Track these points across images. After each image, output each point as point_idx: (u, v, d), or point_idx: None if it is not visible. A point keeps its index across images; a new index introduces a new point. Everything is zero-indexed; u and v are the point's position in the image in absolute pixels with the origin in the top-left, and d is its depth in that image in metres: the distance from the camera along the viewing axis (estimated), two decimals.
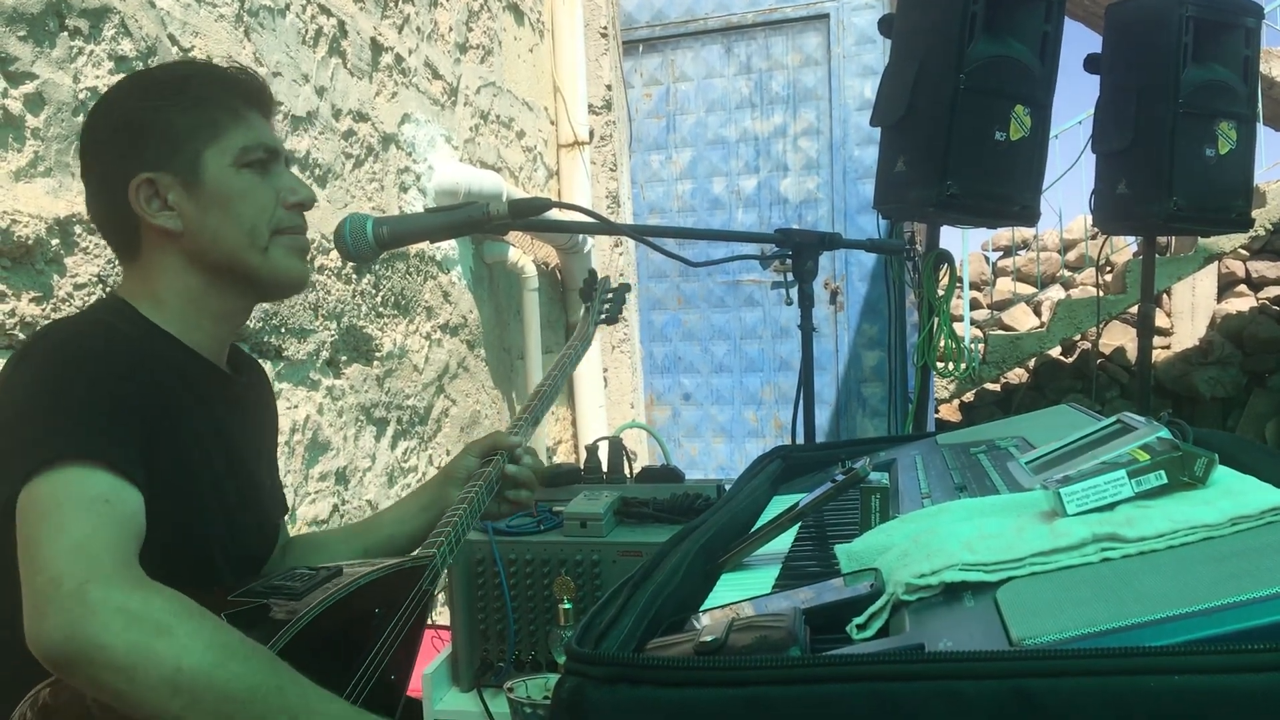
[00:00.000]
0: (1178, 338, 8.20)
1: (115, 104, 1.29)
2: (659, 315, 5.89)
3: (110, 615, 0.93)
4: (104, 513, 1.01)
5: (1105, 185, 3.60)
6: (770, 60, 5.61)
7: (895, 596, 0.82)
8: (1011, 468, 1.27)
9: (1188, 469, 0.88)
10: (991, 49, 2.92)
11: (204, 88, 1.28)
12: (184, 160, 1.25)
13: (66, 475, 1.02)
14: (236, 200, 1.27)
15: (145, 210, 1.25)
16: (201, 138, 1.26)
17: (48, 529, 0.99)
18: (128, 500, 1.05)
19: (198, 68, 1.38)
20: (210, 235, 1.27)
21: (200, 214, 1.26)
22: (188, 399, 1.23)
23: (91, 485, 1.03)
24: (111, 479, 1.04)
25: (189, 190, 1.26)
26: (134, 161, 1.25)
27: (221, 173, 1.27)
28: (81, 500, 1.01)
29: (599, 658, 0.67)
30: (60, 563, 0.96)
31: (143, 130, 1.25)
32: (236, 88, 1.30)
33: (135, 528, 1.04)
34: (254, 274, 1.31)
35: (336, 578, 1.21)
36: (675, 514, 1.85)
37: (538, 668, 1.75)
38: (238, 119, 1.29)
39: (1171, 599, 0.66)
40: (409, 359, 3.26)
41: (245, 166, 1.28)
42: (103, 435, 1.07)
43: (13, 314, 1.80)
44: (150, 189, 1.25)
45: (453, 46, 3.64)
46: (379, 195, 3.07)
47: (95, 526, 1.00)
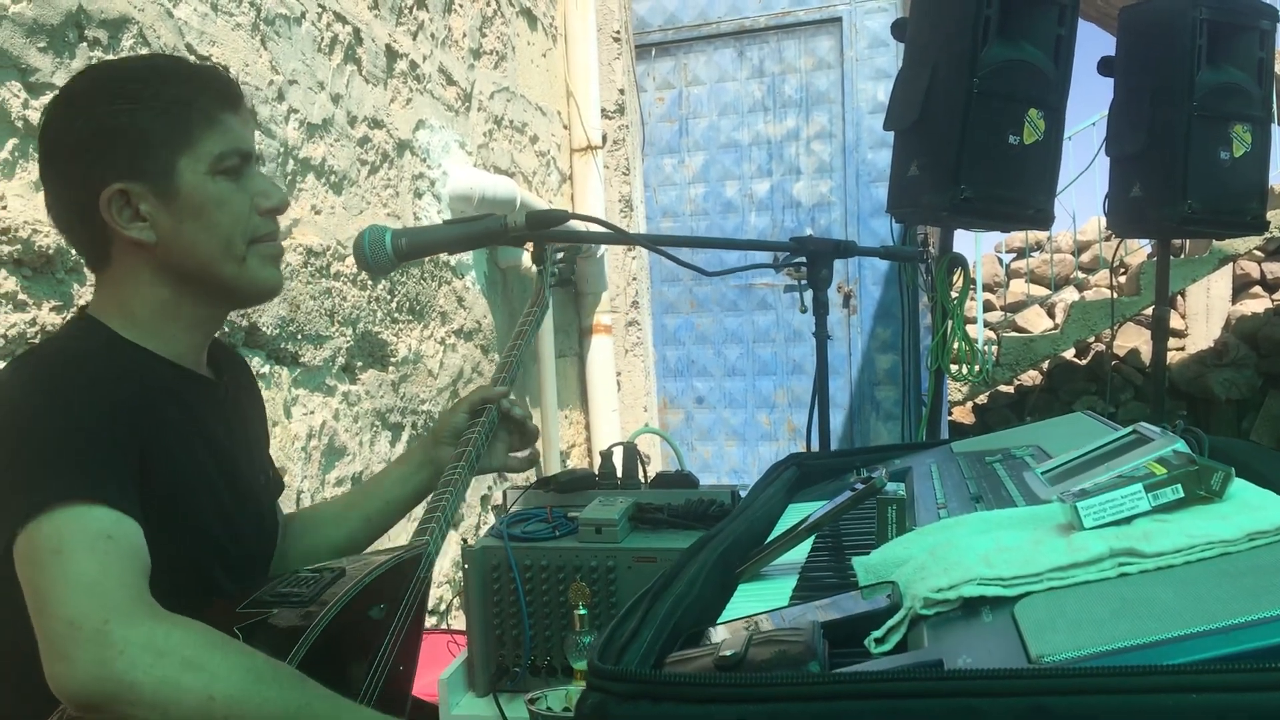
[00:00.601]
0: (1192, 339, 8.17)
1: (82, 107, 1.21)
2: (672, 319, 5.90)
3: (137, 652, 0.93)
4: (109, 549, 1.00)
5: (1119, 188, 3.59)
6: (783, 64, 5.62)
7: (913, 611, 0.82)
8: (1028, 478, 1.27)
9: (1204, 483, 0.88)
10: (1005, 53, 2.91)
11: (176, 89, 1.21)
12: (157, 169, 1.20)
13: (66, 516, 1.00)
14: (213, 210, 1.22)
15: (117, 221, 1.19)
16: (175, 144, 1.20)
17: (56, 572, 0.97)
18: (129, 534, 1.03)
19: (167, 66, 1.28)
20: (185, 246, 1.22)
21: (175, 224, 1.21)
22: (173, 414, 1.21)
23: (93, 523, 1.01)
24: (111, 514, 1.02)
25: (163, 200, 1.20)
26: (105, 170, 1.19)
27: (197, 181, 1.21)
28: (85, 539, 0.99)
29: (621, 674, 0.68)
30: (76, 605, 0.95)
31: (113, 137, 1.18)
32: (209, 89, 1.24)
33: (141, 560, 1.03)
34: (230, 284, 1.27)
35: (340, 579, 1.21)
36: (690, 520, 1.85)
37: (553, 673, 1.76)
38: (211, 123, 1.22)
39: (1189, 616, 0.66)
40: (424, 364, 3.27)
41: (220, 174, 1.23)
42: (96, 472, 1.05)
43: (34, 323, 1.81)
44: (122, 199, 1.19)
45: (466, 52, 3.66)
46: (394, 201, 3.08)
47: (104, 564, 0.98)
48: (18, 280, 1.79)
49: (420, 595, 1.31)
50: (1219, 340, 7.94)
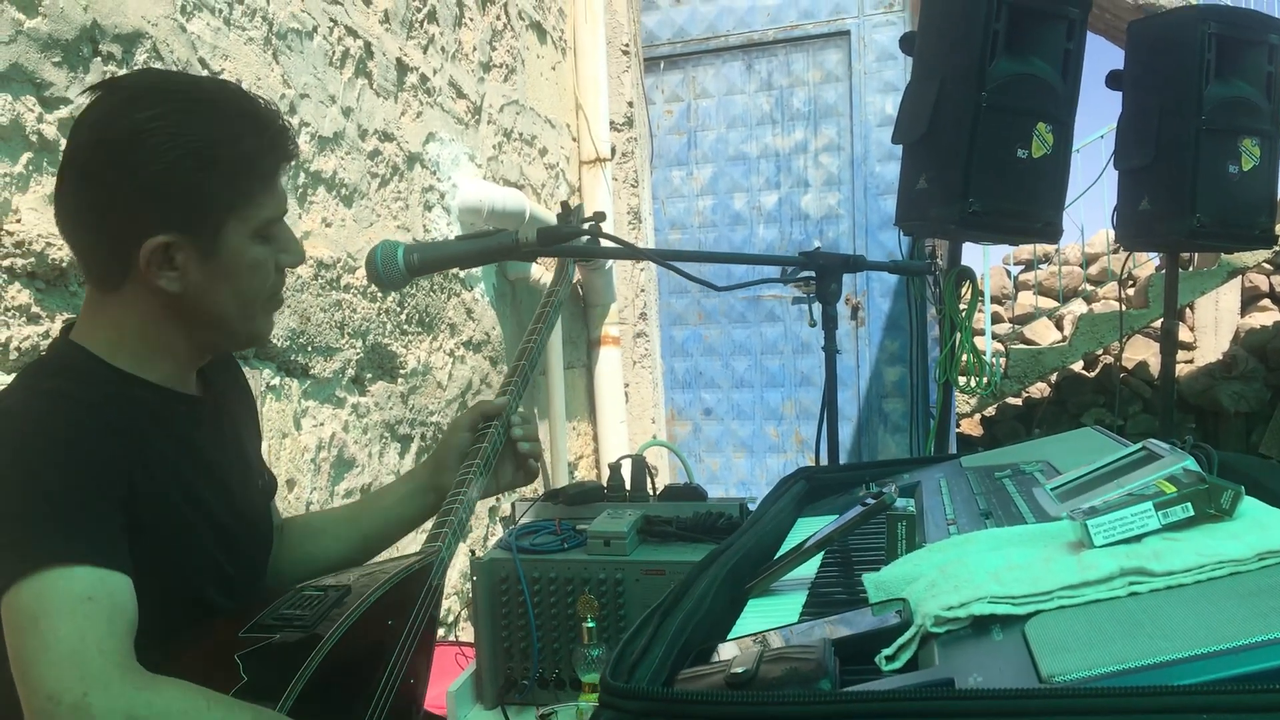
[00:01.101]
0: (1201, 352, 8.15)
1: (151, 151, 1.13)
2: (680, 330, 5.90)
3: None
4: (90, 612, 0.98)
5: (1128, 202, 3.59)
6: (791, 77, 5.63)
7: (924, 628, 0.82)
8: (1037, 494, 1.28)
9: (1214, 501, 0.88)
10: (1013, 67, 2.92)
11: (246, 148, 1.18)
12: (206, 227, 1.17)
13: (45, 580, 0.98)
14: (245, 274, 1.21)
15: (150, 271, 1.16)
16: (231, 207, 1.18)
17: (34, 641, 0.95)
18: (114, 590, 1.01)
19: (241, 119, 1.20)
20: (209, 302, 1.20)
21: (205, 282, 1.19)
22: (159, 441, 1.18)
23: (73, 586, 0.98)
24: (93, 573, 1.00)
25: (201, 257, 1.18)
26: (156, 221, 1.15)
27: (239, 244, 1.19)
28: (65, 604, 0.97)
29: (633, 692, 0.69)
30: (55, 677, 0.93)
31: (175, 193, 1.14)
32: (274, 147, 1.21)
33: (125, 619, 1.01)
34: (234, 336, 1.27)
35: (346, 599, 1.20)
36: (698, 533, 1.85)
37: (561, 685, 1.76)
38: (268, 188, 1.21)
39: (1199, 636, 0.66)
40: (433, 376, 3.28)
41: (260, 239, 1.21)
42: (77, 530, 1.02)
43: (47, 335, 1.82)
44: (165, 252, 1.16)
45: (476, 66, 3.67)
46: (404, 214, 3.10)
47: (83, 630, 0.96)
48: (31, 293, 1.80)
49: (431, 606, 1.31)
50: (1227, 353, 7.93)
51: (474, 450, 1.49)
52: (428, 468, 1.59)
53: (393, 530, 1.58)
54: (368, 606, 1.18)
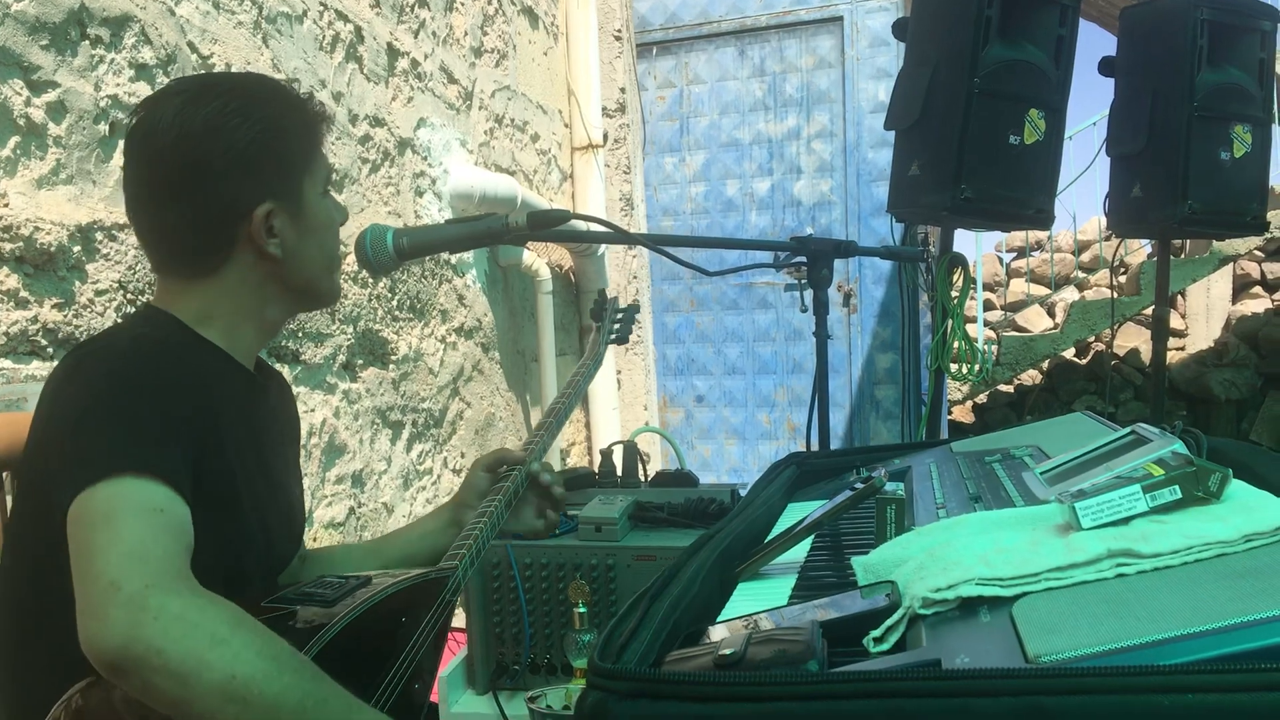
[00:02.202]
0: (1192, 339, 8.17)
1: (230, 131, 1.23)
2: (672, 317, 5.90)
3: (169, 621, 0.95)
4: (159, 522, 1.03)
5: (1119, 188, 3.59)
6: (784, 63, 5.62)
7: (912, 610, 0.82)
8: (1026, 478, 1.28)
9: (1202, 484, 0.89)
10: (1006, 53, 2.91)
11: (301, 113, 1.31)
12: (291, 189, 1.29)
13: (122, 485, 1.03)
14: (325, 228, 1.34)
15: (258, 237, 1.26)
16: (304, 166, 1.30)
17: (105, 535, 1.00)
18: (179, 513, 1.06)
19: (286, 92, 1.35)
20: (303, 261, 1.31)
21: (298, 241, 1.30)
22: (228, 408, 1.25)
23: (147, 495, 1.04)
24: (165, 490, 1.06)
25: (293, 219, 1.29)
26: (255, 192, 1.25)
27: (315, 201, 1.32)
28: (138, 509, 1.03)
29: (621, 672, 0.69)
30: (120, 568, 0.97)
31: (260, 164, 1.25)
32: (315, 112, 1.33)
33: (187, 539, 1.06)
34: (322, 295, 1.38)
35: (365, 586, 1.22)
36: (689, 518, 1.86)
37: (553, 671, 1.76)
38: (321, 145, 1.34)
39: (1186, 617, 0.67)
40: (424, 362, 3.28)
41: (325, 193, 1.34)
42: (156, 449, 1.09)
43: (35, 320, 1.82)
44: (268, 219, 1.26)
45: (468, 51, 3.66)
46: (395, 200, 3.09)
47: (153, 534, 1.01)
48: (20, 278, 1.79)
49: (444, 617, 1.32)
50: (1219, 340, 7.95)
51: (497, 488, 1.53)
52: (450, 506, 1.62)
53: (410, 564, 1.59)
54: (385, 596, 1.20)
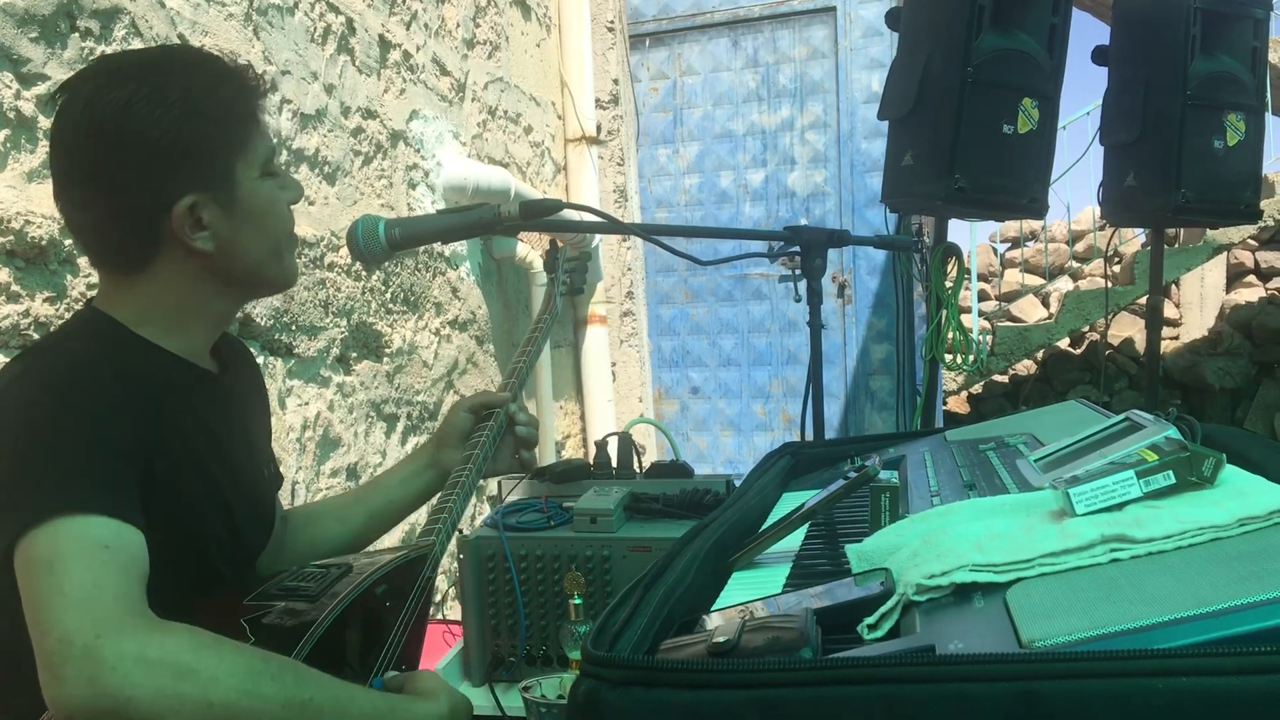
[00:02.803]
0: (1186, 329, 8.19)
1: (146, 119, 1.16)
2: (666, 309, 5.90)
3: (129, 666, 0.91)
4: (105, 560, 0.98)
5: (1113, 177, 3.60)
6: (777, 53, 5.61)
7: (906, 597, 0.82)
8: (1020, 465, 1.28)
9: (1196, 469, 0.89)
10: (999, 42, 2.91)
11: (227, 91, 1.21)
12: (220, 178, 1.20)
13: (62, 527, 0.99)
14: (264, 213, 1.24)
15: (184, 235, 1.18)
16: (233, 150, 1.21)
17: (49, 586, 0.96)
18: (128, 542, 1.02)
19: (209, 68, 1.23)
20: (241, 252, 1.23)
21: (234, 232, 1.22)
22: (177, 409, 1.20)
23: (88, 534, 0.99)
24: (109, 523, 1.01)
25: (225, 209, 1.21)
26: (175, 185, 1.17)
27: (251, 185, 1.23)
28: (80, 551, 0.98)
29: (614, 660, 0.68)
30: (67, 620, 0.93)
31: (178, 154, 1.16)
32: (248, 85, 1.23)
33: (138, 569, 1.01)
34: (270, 282, 1.31)
35: (347, 575, 1.21)
36: (685, 509, 1.85)
37: (549, 662, 1.76)
38: (257, 125, 1.24)
39: (1180, 601, 0.67)
40: (418, 355, 3.27)
41: (266, 174, 1.25)
42: (96, 481, 1.03)
43: (27, 314, 1.81)
44: (193, 213, 1.18)
45: (460, 42, 3.65)
46: (388, 192, 3.08)
47: (98, 576, 0.97)
48: (10, 271, 1.79)
49: (424, 596, 1.31)
50: (1213, 329, 7.96)
51: (479, 429, 1.53)
52: (430, 447, 1.61)
53: (396, 509, 1.60)
54: (369, 584, 1.19)
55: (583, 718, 0.67)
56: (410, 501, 1.60)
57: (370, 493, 1.63)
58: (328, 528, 1.58)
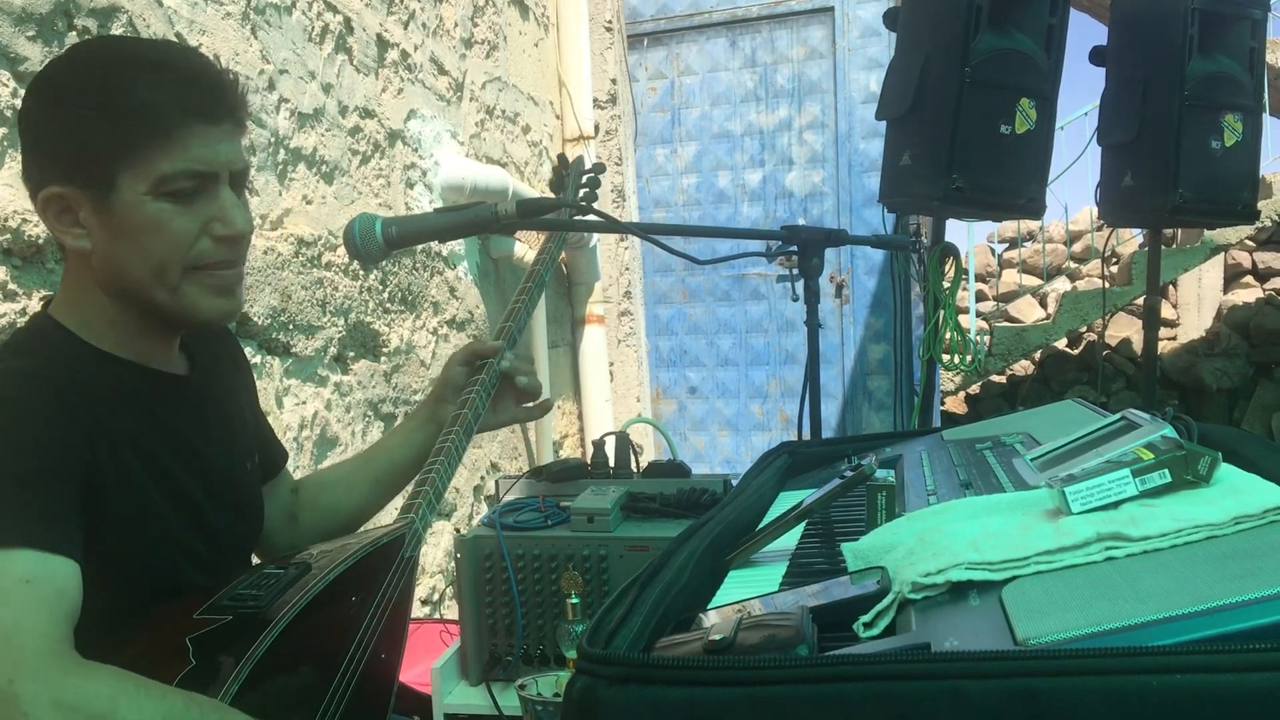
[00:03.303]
0: (1184, 329, 8.19)
1: (35, 106, 1.16)
2: (664, 309, 5.90)
3: (43, 710, 0.89)
4: (26, 596, 0.95)
5: (1111, 178, 3.60)
6: (775, 53, 5.61)
7: (901, 595, 0.82)
8: (1017, 464, 1.28)
9: (1192, 468, 0.89)
10: (997, 42, 2.92)
11: (140, 95, 1.12)
12: (96, 179, 1.13)
13: None
14: (145, 233, 1.14)
15: (55, 225, 1.15)
16: (118, 157, 1.12)
17: None
18: (55, 574, 0.98)
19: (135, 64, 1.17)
20: (118, 264, 1.16)
21: (109, 240, 1.15)
22: (129, 418, 1.17)
23: (11, 569, 0.96)
24: (33, 556, 0.97)
25: (98, 212, 1.14)
26: (46, 172, 1.14)
27: (134, 200, 1.13)
28: (1, 587, 0.95)
29: (609, 657, 0.68)
30: None
31: (58, 140, 1.13)
32: (181, 98, 1.13)
33: (65, 603, 0.98)
34: (163, 310, 1.19)
35: (304, 576, 1.17)
36: (682, 509, 1.85)
37: (546, 662, 1.76)
38: (167, 139, 1.12)
39: (1175, 599, 0.67)
40: (416, 354, 3.27)
41: (163, 195, 1.14)
42: (21, 512, 1.00)
43: (24, 312, 1.81)
44: (60, 204, 1.14)
45: (458, 42, 3.65)
46: (385, 192, 3.08)
47: (17, 614, 0.93)
48: (7, 270, 1.78)
49: (404, 578, 1.29)
50: (1210, 330, 7.97)
51: (470, 383, 1.51)
52: (427, 403, 1.61)
53: (401, 469, 1.60)
54: (325, 585, 1.15)
55: (579, 715, 0.67)
56: (414, 460, 1.58)
57: (374, 456, 1.63)
58: (337, 496, 1.59)
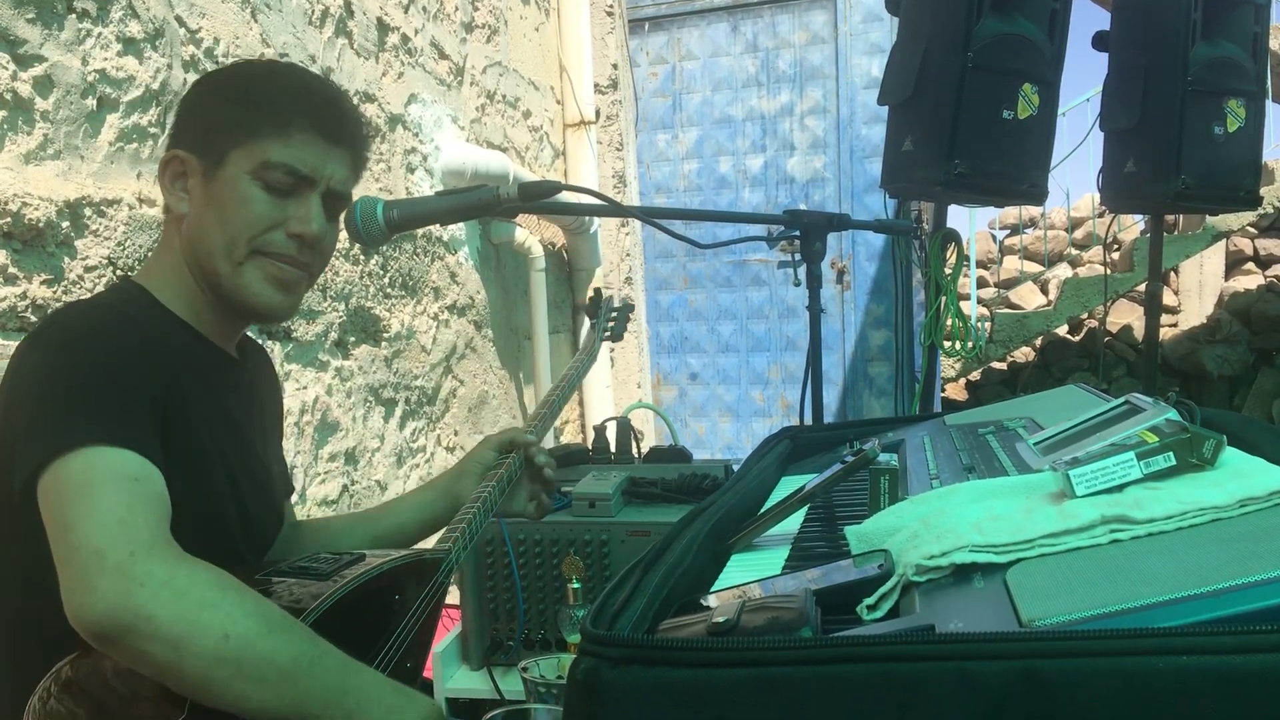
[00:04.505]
0: (1185, 316, 8.18)
1: (194, 87, 1.37)
2: (665, 295, 5.89)
3: (157, 588, 0.95)
4: (137, 490, 1.02)
5: (1113, 163, 3.59)
6: (777, 38, 5.59)
7: (905, 578, 0.82)
8: (1020, 449, 1.28)
9: (1196, 450, 0.88)
10: (999, 27, 2.90)
11: (270, 91, 1.29)
12: (212, 152, 1.26)
13: (96, 455, 1.03)
14: (233, 205, 1.26)
15: (166, 186, 1.28)
16: (235, 137, 1.26)
17: (83, 504, 0.99)
18: (155, 480, 1.06)
19: (281, 73, 1.40)
20: (202, 230, 1.27)
21: (203, 205, 1.27)
22: (195, 385, 1.25)
23: (122, 464, 1.04)
24: (139, 460, 1.05)
25: (205, 180, 1.26)
26: (176, 138, 1.30)
27: (235, 175, 1.26)
28: (114, 478, 1.02)
29: (613, 639, 0.68)
30: (102, 536, 0.97)
31: (191, 113, 1.31)
32: (306, 106, 1.28)
33: (165, 508, 1.05)
34: (222, 285, 1.28)
35: (359, 563, 1.21)
36: (683, 494, 1.86)
37: (547, 646, 1.76)
38: (281, 134, 1.26)
39: (1180, 580, 0.66)
40: (417, 340, 3.27)
41: (260, 180, 1.26)
42: (126, 418, 1.08)
43: (24, 296, 1.81)
44: (178, 166, 1.28)
45: (459, 26, 3.63)
46: (386, 176, 3.07)
47: (131, 502, 1.01)
48: (8, 253, 1.78)
49: (437, 598, 1.32)
50: (1212, 317, 7.95)
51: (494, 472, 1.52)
52: (448, 476, 1.61)
53: (404, 536, 1.60)
54: (380, 572, 1.19)
55: (582, 696, 0.67)
56: (419, 529, 1.59)
57: (381, 515, 1.63)
58: (336, 544, 1.58)
